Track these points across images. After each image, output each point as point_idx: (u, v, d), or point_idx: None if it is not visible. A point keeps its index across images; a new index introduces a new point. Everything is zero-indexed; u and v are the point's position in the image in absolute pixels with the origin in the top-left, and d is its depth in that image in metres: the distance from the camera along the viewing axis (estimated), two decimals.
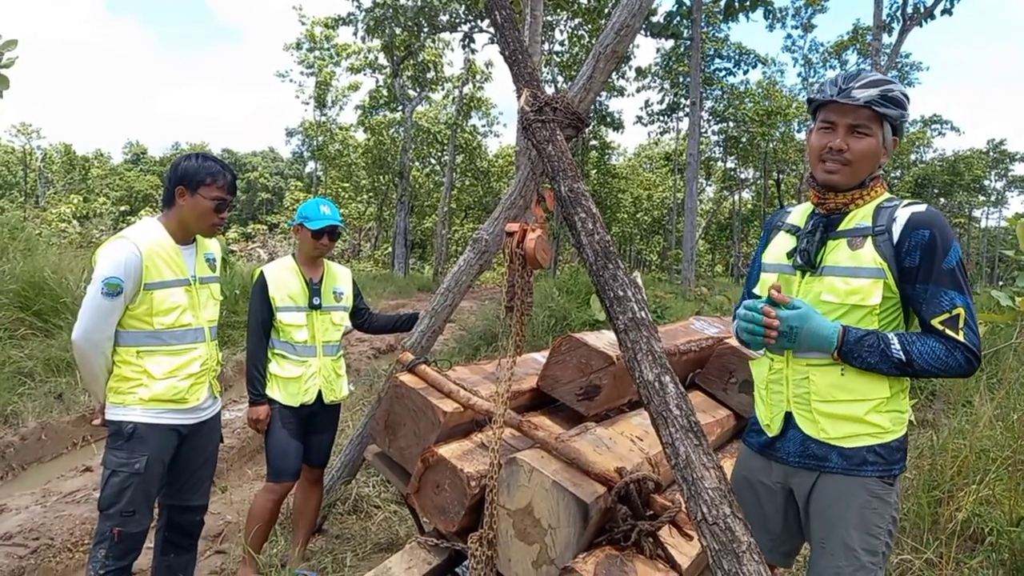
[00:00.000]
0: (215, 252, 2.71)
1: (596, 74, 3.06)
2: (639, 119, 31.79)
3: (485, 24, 21.23)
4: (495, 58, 30.96)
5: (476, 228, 4.79)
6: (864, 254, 1.76)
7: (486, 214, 30.78)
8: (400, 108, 27.69)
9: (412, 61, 25.45)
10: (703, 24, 21.20)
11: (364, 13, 21.26)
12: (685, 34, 21.66)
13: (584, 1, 20.69)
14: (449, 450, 2.38)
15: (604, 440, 2.36)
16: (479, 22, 21.55)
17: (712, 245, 46.29)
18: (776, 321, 1.74)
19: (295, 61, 32.24)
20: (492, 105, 34.65)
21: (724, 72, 30.01)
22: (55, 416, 5.19)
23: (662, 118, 31.49)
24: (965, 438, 3.81)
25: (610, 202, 34.37)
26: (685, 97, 26.91)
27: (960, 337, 1.68)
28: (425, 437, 2.48)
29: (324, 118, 33.82)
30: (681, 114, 30.25)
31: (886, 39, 18.46)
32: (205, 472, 2.71)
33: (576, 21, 23.47)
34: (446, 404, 2.49)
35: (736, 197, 40.20)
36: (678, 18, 21.29)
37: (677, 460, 1.67)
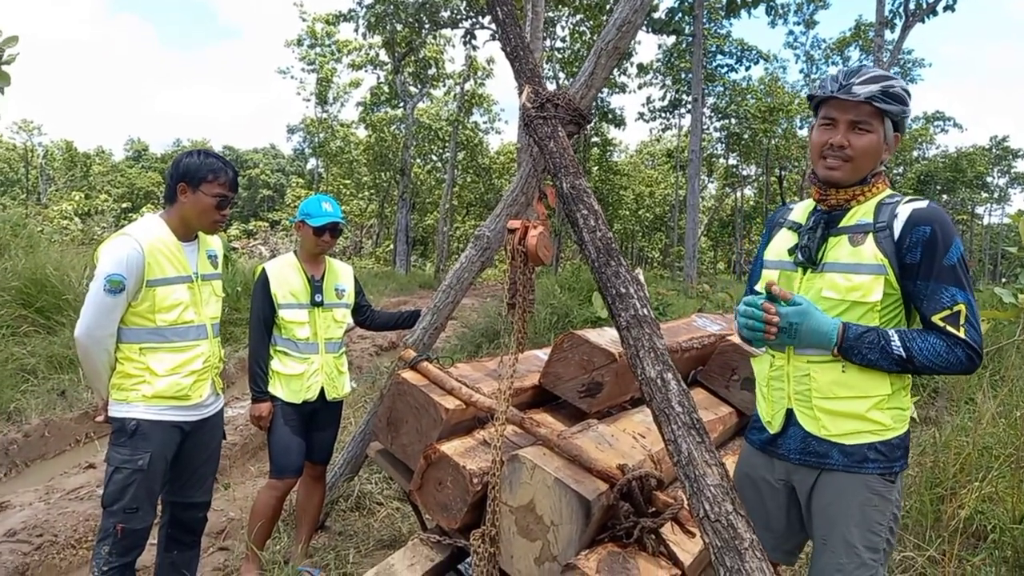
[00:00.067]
0: (217, 249, 2.71)
1: (598, 70, 3.05)
2: (641, 115, 31.68)
3: (486, 20, 21.18)
4: (496, 54, 30.84)
5: (478, 225, 4.79)
6: (865, 250, 1.76)
7: (488, 211, 30.73)
8: (401, 105, 27.67)
9: (413, 57, 25.41)
10: (705, 20, 21.17)
11: (365, 9, 21.23)
12: (687, 30, 21.64)
13: None
14: (451, 447, 2.38)
15: (606, 437, 2.36)
16: (480, 18, 21.51)
17: (714, 242, 46.24)
18: (776, 317, 1.74)
19: (296, 58, 32.17)
20: (493, 102, 34.65)
21: (726, 68, 29.87)
22: (58, 413, 5.20)
23: (664, 115, 31.39)
24: (968, 435, 3.80)
25: (612, 199, 34.33)
26: (687, 93, 26.85)
27: (961, 334, 1.67)
28: (427, 434, 2.48)
29: (325, 115, 33.83)
30: (683, 111, 30.18)
31: (888, 35, 18.41)
32: (208, 469, 2.72)
33: (578, 17, 23.43)
34: (448, 401, 2.49)
35: (738, 194, 40.16)
36: (680, 14, 21.29)
37: (679, 457, 1.67)
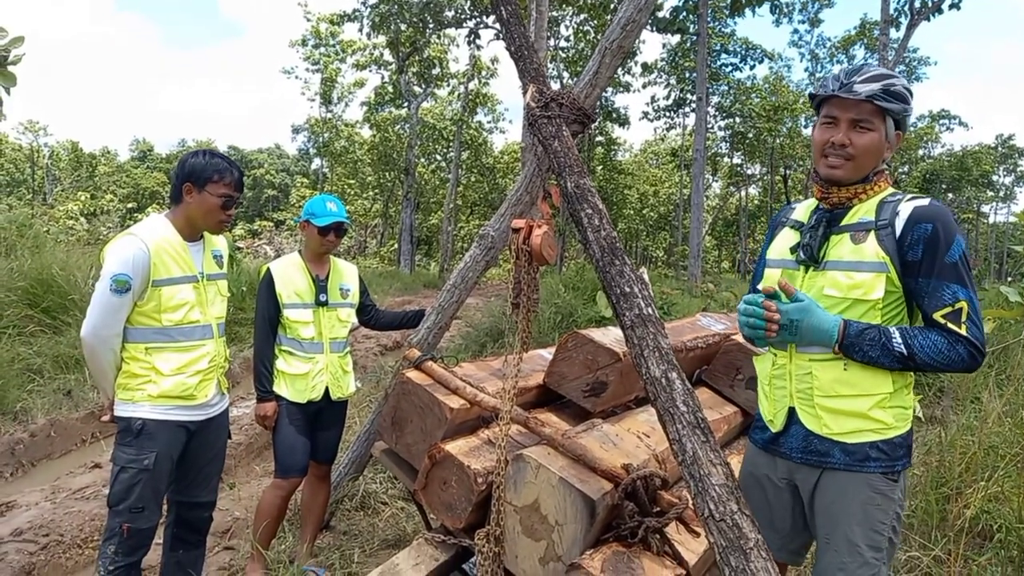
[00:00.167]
0: (222, 249, 2.72)
1: (602, 69, 3.05)
2: (645, 115, 31.57)
3: (491, 20, 21.17)
4: (501, 54, 30.81)
5: (482, 224, 4.79)
6: (867, 248, 1.76)
7: (492, 210, 30.68)
8: (406, 104, 27.64)
9: (417, 57, 25.39)
10: (709, 19, 21.11)
11: (369, 9, 21.21)
12: (691, 29, 21.58)
13: None
14: (456, 446, 2.39)
15: (611, 436, 2.36)
16: (485, 18, 21.48)
17: (719, 241, 46.14)
18: (777, 315, 1.74)
19: (300, 57, 32.19)
20: (498, 101, 34.60)
21: (730, 67, 29.75)
22: (64, 413, 5.22)
23: (668, 114, 31.29)
24: (973, 434, 3.79)
25: (616, 198, 34.24)
26: (691, 92, 26.79)
27: (962, 331, 1.67)
28: (432, 433, 2.48)
29: (330, 115, 33.82)
30: (687, 110, 30.08)
31: (894, 33, 18.33)
32: (213, 468, 2.73)
33: (582, 17, 23.38)
34: (453, 400, 2.49)
35: (743, 193, 40.04)
36: (684, 13, 21.22)
37: (684, 456, 1.67)
